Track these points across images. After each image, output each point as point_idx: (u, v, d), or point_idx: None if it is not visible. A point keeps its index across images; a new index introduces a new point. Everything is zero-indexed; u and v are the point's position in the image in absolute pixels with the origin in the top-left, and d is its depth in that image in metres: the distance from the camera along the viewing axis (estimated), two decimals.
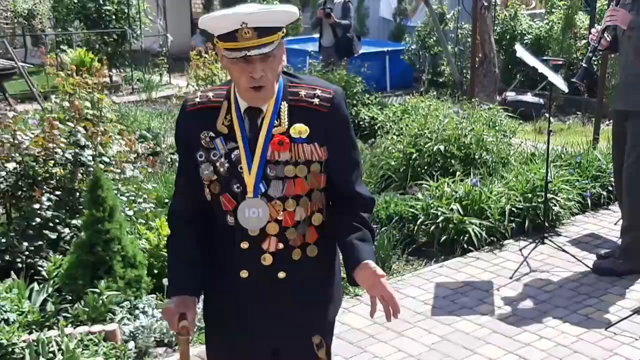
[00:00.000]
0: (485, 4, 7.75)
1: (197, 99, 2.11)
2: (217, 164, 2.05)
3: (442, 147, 5.81)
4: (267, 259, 2.08)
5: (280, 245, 2.08)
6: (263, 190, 2.04)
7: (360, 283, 2.04)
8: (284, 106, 2.06)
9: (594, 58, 4.74)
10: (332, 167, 2.11)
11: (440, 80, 10.55)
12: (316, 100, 2.07)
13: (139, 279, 3.97)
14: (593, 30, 4.58)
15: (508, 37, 10.38)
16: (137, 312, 3.84)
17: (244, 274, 2.10)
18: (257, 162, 2.03)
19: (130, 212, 4.52)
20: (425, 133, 6.01)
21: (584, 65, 4.58)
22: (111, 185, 4.11)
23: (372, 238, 2.14)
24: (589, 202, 5.69)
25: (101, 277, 3.88)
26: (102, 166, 4.36)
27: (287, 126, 2.05)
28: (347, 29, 9.32)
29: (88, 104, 4.59)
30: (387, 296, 1.98)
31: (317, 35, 10.25)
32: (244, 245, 2.08)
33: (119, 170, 4.60)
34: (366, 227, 2.12)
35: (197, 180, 2.09)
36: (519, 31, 10.52)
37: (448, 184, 5.31)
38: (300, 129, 2.05)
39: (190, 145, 2.08)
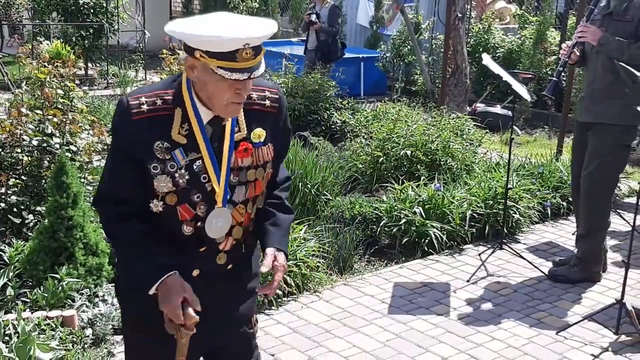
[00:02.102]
0: (459, 15, 7.87)
1: (144, 106, 1.95)
2: (176, 175, 1.98)
3: (408, 152, 5.92)
4: (222, 258, 2.11)
5: (234, 242, 2.12)
6: (227, 197, 2.05)
7: (264, 265, 2.08)
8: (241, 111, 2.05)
9: (563, 72, 4.84)
10: (275, 159, 2.16)
11: (413, 88, 10.70)
12: (267, 102, 2.10)
13: (100, 266, 3.99)
14: (564, 45, 4.68)
15: (481, 49, 10.52)
16: (96, 299, 3.86)
17: (196, 272, 2.09)
18: (225, 172, 2.02)
19: None
20: (393, 138, 6.11)
21: (554, 79, 4.67)
22: (76, 172, 4.13)
23: (289, 216, 2.22)
24: (549, 211, 5.82)
25: (62, 263, 3.89)
26: (69, 155, 4.37)
27: (246, 132, 2.06)
28: (332, 35, 9.39)
29: (60, 91, 4.59)
30: (276, 282, 2.08)
31: (296, 40, 10.35)
32: (202, 249, 2.07)
33: (86, 159, 4.61)
34: (284, 208, 2.20)
35: (140, 189, 1.99)
36: (492, 44, 10.71)
37: (412, 187, 5.40)
38: (260, 133, 2.08)
39: (139, 156, 1.97)
